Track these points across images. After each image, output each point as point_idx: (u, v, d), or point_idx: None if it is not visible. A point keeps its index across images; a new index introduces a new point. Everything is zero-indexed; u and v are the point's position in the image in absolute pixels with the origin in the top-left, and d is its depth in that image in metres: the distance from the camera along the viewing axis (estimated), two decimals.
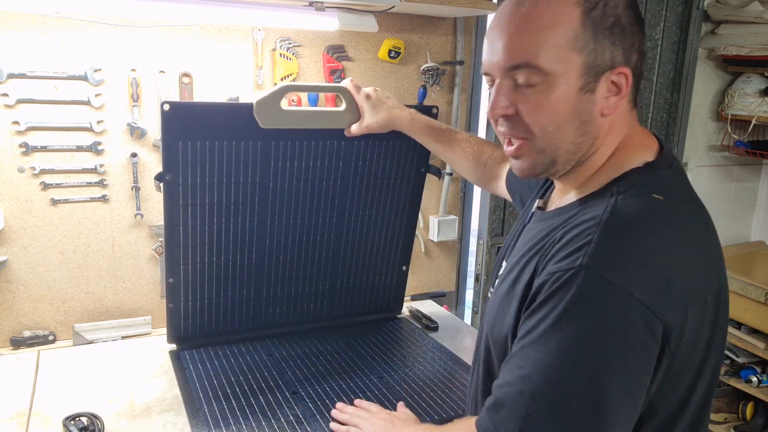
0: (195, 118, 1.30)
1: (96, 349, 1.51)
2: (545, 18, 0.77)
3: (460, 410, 1.25)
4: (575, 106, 0.79)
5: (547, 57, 0.77)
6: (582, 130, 0.81)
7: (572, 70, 0.77)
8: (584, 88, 0.78)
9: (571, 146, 0.82)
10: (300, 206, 1.48)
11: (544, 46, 0.77)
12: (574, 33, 0.76)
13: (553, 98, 0.78)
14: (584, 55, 0.77)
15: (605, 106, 0.80)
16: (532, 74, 0.78)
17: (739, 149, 2.56)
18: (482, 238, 2.00)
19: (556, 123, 0.80)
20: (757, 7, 2.24)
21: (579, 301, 0.71)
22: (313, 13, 1.48)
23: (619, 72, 0.78)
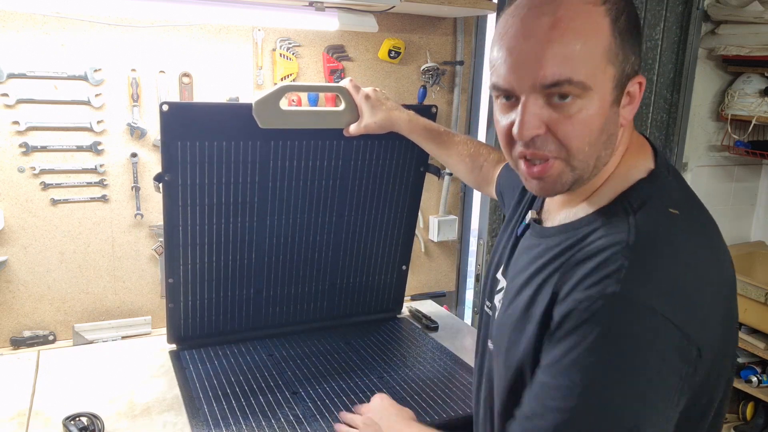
0: (194, 118, 1.30)
1: (96, 349, 1.51)
2: (579, 30, 0.72)
3: (460, 410, 1.25)
4: (607, 120, 0.75)
5: (587, 71, 0.72)
6: (608, 143, 0.78)
7: (607, 83, 0.74)
8: (614, 101, 0.76)
9: (598, 162, 0.78)
10: (299, 206, 1.48)
11: (583, 59, 0.72)
12: (608, 44, 0.73)
13: (591, 114, 0.74)
14: (616, 67, 0.74)
15: (623, 117, 0.78)
16: (571, 90, 0.73)
17: (739, 149, 2.56)
18: (482, 238, 2.00)
19: (591, 140, 0.76)
20: (757, 7, 2.24)
21: (614, 329, 0.69)
22: (313, 13, 1.48)
23: (637, 81, 0.77)
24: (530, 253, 0.87)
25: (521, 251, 0.92)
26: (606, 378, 0.68)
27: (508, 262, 0.96)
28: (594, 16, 0.73)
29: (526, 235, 0.93)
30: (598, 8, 0.73)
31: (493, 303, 0.98)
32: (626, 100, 0.77)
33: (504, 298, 0.92)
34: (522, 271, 0.87)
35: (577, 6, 0.73)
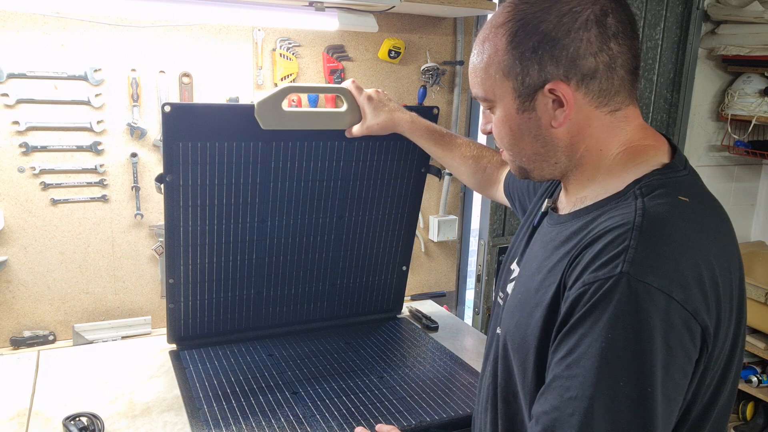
0: (196, 119, 1.30)
1: (96, 349, 1.51)
2: (484, 53, 0.84)
3: (460, 410, 1.25)
4: (519, 125, 0.85)
5: (487, 87, 0.85)
6: (539, 142, 0.85)
7: (507, 94, 0.83)
8: (521, 109, 0.83)
9: (536, 156, 0.87)
10: (300, 207, 1.48)
11: (484, 79, 0.85)
12: (502, 62, 0.82)
13: (500, 120, 0.87)
14: (512, 80, 0.82)
15: (553, 119, 0.82)
16: (484, 102, 0.88)
17: (739, 149, 2.56)
18: (483, 238, 2.00)
19: (509, 140, 0.88)
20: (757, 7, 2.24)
21: (624, 310, 0.70)
22: (313, 13, 1.48)
23: (550, 89, 0.80)
24: (543, 239, 0.91)
25: (536, 240, 0.94)
26: (618, 362, 0.70)
27: (523, 252, 0.97)
28: (494, 36, 0.83)
29: (542, 224, 0.95)
30: (500, 29, 0.82)
31: (506, 292, 0.99)
32: (553, 105, 0.82)
33: (516, 284, 0.94)
34: (534, 257, 0.90)
35: (487, 31, 0.85)
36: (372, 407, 1.25)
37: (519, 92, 0.82)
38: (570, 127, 0.83)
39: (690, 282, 0.71)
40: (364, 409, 1.25)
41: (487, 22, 0.86)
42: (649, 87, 2.28)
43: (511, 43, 0.81)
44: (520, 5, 0.81)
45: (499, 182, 1.33)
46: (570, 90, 0.80)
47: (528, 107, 0.83)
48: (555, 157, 0.86)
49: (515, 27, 0.80)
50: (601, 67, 0.79)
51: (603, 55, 0.79)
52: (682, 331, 0.70)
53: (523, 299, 0.87)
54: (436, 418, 1.23)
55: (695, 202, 0.79)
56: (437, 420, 1.22)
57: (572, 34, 0.78)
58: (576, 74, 0.79)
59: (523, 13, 0.80)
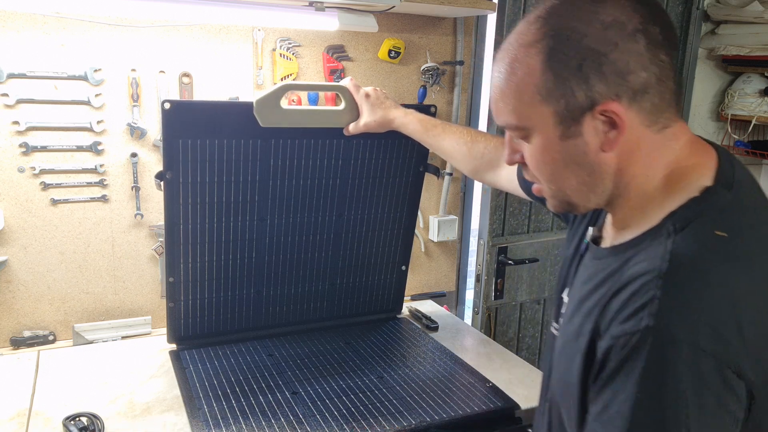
0: (195, 116, 1.30)
1: (96, 349, 1.51)
2: (514, 76, 0.75)
3: (460, 410, 1.25)
4: (562, 152, 0.76)
5: (519, 114, 0.76)
6: (585, 171, 0.77)
7: (546, 121, 0.75)
8: (565, 135, 0.75)
9: (581, 186, 0.78)
10: (299, 205, 1.48)
11: (515, 105, 0.76)
12: (537, 85, 0.73)
13: (539, 149, 0.78)
14: (552, 105, 0.73)
15: (604, 143, 0.74)
16: (516, 131, 0.79)
17: (739, 149, 2.56)
18: (482, 238, 2.00)
19: (550, 171, 0.79)
20: (757, 7, 2.24)
21: (651, 369, 0.65)
22: (313, 13, 1.48)
23: (602, 110, 0.72)
24: (584, 274, 0.86)
25: (581, 271, 0.89)
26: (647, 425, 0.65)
27: (572, 283, 0.93)
28: (527, 57, 0.74)
29: (587, 255, 0.90)
30: (533, 48, 0.73)
31: (559, 323, 0.96)
32: (603, 126, 0.73)
33: (562, 321, 0.90)
34: (576, 293, 0.85)
35: (514, 50, 0.75)
36: (372, 407, 1.25)
37: (562, 117, 0.73)
38: (619, 150, 0.75)
39: (727, 332, 0.65)
40: (364, 409, 1.25)
41: (511, 42, 0.76)
42: None
43: (549, 62, 0.72)
44: (551, 19, 0.73)
45: (499, 168, 1.30)
46: (622, 109, 0.72)
47: (573, 132, 0.74)
48: (602, 185, 0.78)
49: (552, 43, 0.72)
50: (652, 81, 0.72)
51: (654, 67, 0.72)
52: (720, 389, 0.64)
53: (566, 343, 0.83)
54: (436, 418, 1.22)
55: (737, 235, 0.71)
56: (437, 420, 1.22)
57: (620, 46, 0.70)
58: (627, 91, 0.71)
59: (559, 27, 0.72)
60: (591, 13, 0.71)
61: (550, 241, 2.09)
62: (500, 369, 1.46)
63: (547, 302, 2.15)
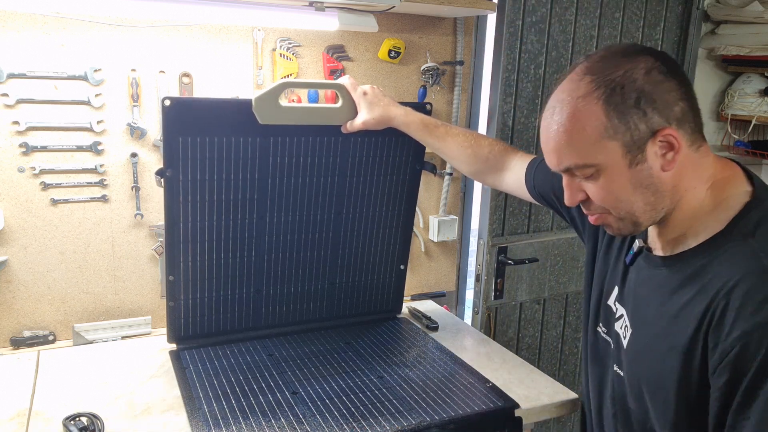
0: (195, 113, 1.31)
1: (96, 349, 1.51)
2: (574, 123, 0.86)
3: (460, 410, 1.25)
4: (631, 179, 0.87)
5: (587, 154, 0.87)
6: (650, 191, 0.88)
7: (614, 154, 0.86)
8: (633, 163, 0.86)
9: (647, 206, 0.90)
10: (299, 202, 1.48)
11: (581, 147, 0.87)
12: (603, 126, 0.85)
13: (609, 181, 0.88)
14: (619, 139, 0.85)
15: (664, 164, 0.87)
16: (584, 170, 0.89)
17: (739, 149, 2.56)
18: (482, 238, 2.00)
19: (621, 198, 0.89)
20: (757, 7, 2.24)
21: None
22: (313, 13, 1.48)
23: (663, 135, 0.85)
24: (648, 283, 0.96)
25: (636, 281, 0.99)
26: None
27: (621, 291, 1.02)
28: (585, 106, 0.86)
29: (638, 264, 1.00)
30: (589, 97, 0.86)
31: (613, 330, 1.06)
32: (660, 150, 0.86)
33: (632, 325, 0.98)
34: (644, 301, 0.95)
35: (571, 102, 0.87)
36: (372, 407, 1.25)
37: (629, 147, 0.85)
38: (675, 169, 0.87)
39: None
40: (364, 409, 1.25)
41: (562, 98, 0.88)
42: None
43: (609, 106, 0.84)
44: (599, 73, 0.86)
45: (504, 170, 1.35)
46: (676, 132, 0.85)
47: (640, 159, 0.86)
48: (663, 202, 0.90)
49: (608, 91, 0.85)
50: (687, 110, 0.86)
51: (686, 99, 0.86)
52: None
53: (650, 344, 0.93)
54: (436, 418, 1.22)
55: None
56: (437, 420, 1.22)
57: (661, 85, 0.85)
58: (673, 118, 0.85)
59: (608, 77, 0.85)
60: (631, 62, 0.85)
61: (550, 241, 2.09)
62: (500, 369, 1.46)
63: (547, 302, 2.15)
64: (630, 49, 0.88)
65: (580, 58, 0.92)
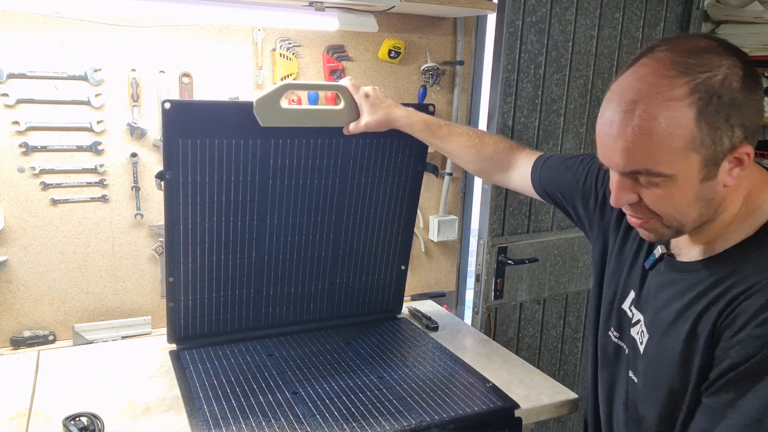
0: (195, 116, 1.30)
1: (96, 349, 1.51)
2: (660, 126, 0.77)
3: (460, 410, 1.25)
4: (698, 192, 0.81)
5: (665, 162, 0.79)
6: (707, 204, 0.83)
7: (692, 167, 0.79)
8: (706, 177, 0.80)
9: (698, 218, 0.85)
10: (299, 204, 1.48)
11: (661, 154, 0.78)
12: (691, 136, 0.77)
13: (675, 193, 0.81)
14: (702, 153, 0.78)
15: (728, 180, 0.81)
16: (653, 177, 0.81)
17: None
18: (482, 238, 2.00)
19: (681, 209, 0.83)
20: (757, 7, 2.24)
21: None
22: (313, 13, 1.48)
23: (741, 152, 0.79)
24: (671, 288, 0.92)
25: (657, 286, 0.95)
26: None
27: (638, 296, 0.99)
28: (676, 110, 0.76)
29: (659, 269, 0.96)
30: (682, 102, 0.76)
31: (629, 335, 1.02)
32: (732, 164, 0.80)
33: (650, 331, 0.95)
34: (665, 306, 0.92)
35: (659, 103, 0.77)
36: (372, 407, 1.25)
37: (708, 162, 0.79)
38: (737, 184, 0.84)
39: None
40: (364, 409, 1.25)
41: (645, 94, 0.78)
42: None
43: (700, 117, 0.76)
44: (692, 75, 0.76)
45: (510, 168, 1.34)
46: (749, 150, 0.80)
47: (713, 174, 0.80)
48: (711, 214, 0.85)
49: (705, 99, 0.76)
50: (759, 122, 0.80)
51: (763, 108, 0.81)
52: None
53: (673, 348, 0.89)
54: (436, 418, 1.22)
55: None
56: (437, 420, 1.22)
57: (752, 96, 0.78)
58: (749, 133, 0.79)
59: (707, 81, 0.76)
60: (727, 66, 0.77)
61: (549, 241, 2.09)
62: (500, 369, 1.46)
63: (547, 302, 2.15)
64: (708, 43, 0.79)
65: (655, 41, 0.81)
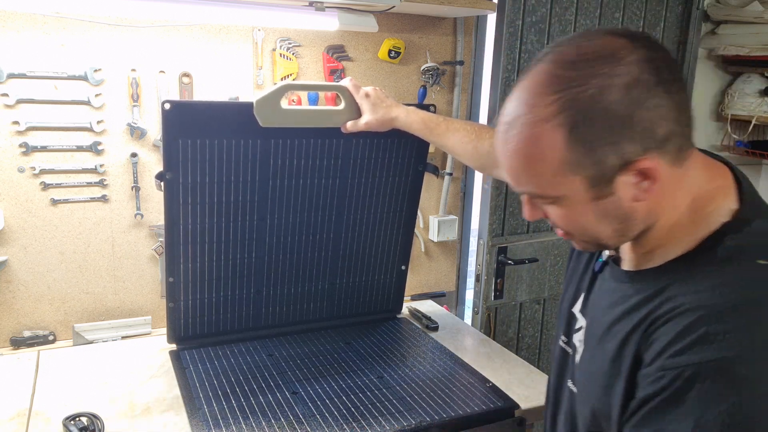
0: (195, 116, 1.30)
1: (96, 349, 1.51)
2: (532, 150, 0.72)
3: (460, 410, 1.25)
4: (596, 211, 0.75)
5: (547, 185, 0.74)
6: (618, 220, 0.76)
7: (577, 188, 0.73)
8: (597, 196, 0.73)
9: (615, 233, 0.78)
10: (299, 204, 1.48)
11: (539, 177, 0.73)
12: (564, 158, 0.70)
13: (573, 212, 0.76)
14: (583, 173, 0.71)
15: (638, 194, 0.73)
16: (542, 200, 0.77)
17: (740, 149, 2.56)
18: (482, 238, 2.00)
19: (586, 227, 0.78)
20: (757, 7, 2.24)
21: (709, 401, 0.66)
22: (313, 13, 1.48)
23: (641, 166, 0.70)
24: (609, 297, 0.85)
25: (600, 292, 0.89)
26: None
27: (586, 300, 0.93)
28: (546, 132, 0.70)
29: (604, 274, 0.90)
30: (551, 123, 0.70)
31: (572, 341, 0.96)
32: (636, 179, 0.71)
33: (586, 340, 0.90)
34: (602, 315, 0.85)
35: (530, 124, 0.71)
36: (372, 407, 1.26)
37: (593, 182, 0.71)
38: (658, 190, 0.73)
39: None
40: (364, 409, 1.25)
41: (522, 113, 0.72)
42: None
43: (572, 137, 0.69)
44: (566, 88, 0.69)
45: None
46: (653, 162, 0.70)
47: (606, 192, 0.72)
48: (635, 228, 0.77)
49: (574, 118, 0.68)
50: (673, 127, 0.70)
51: (673, 113, 0.70)
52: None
53: (600, 366, 0.82)
54: (436, 418, 1.22)
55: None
56: (437, 420, 1.22)
57: (644, 104, 0.68)
58: (654, 143, 0.70)
59: (576, 99, 0.68)
60: (607, 76, 0.68)
61: (549, 241, 2.09)
62: (500, 369, 1.46)
63: (547, 302, 2.15)
64: (609, 45, 0.70)
65: (550, 47, 0.73)
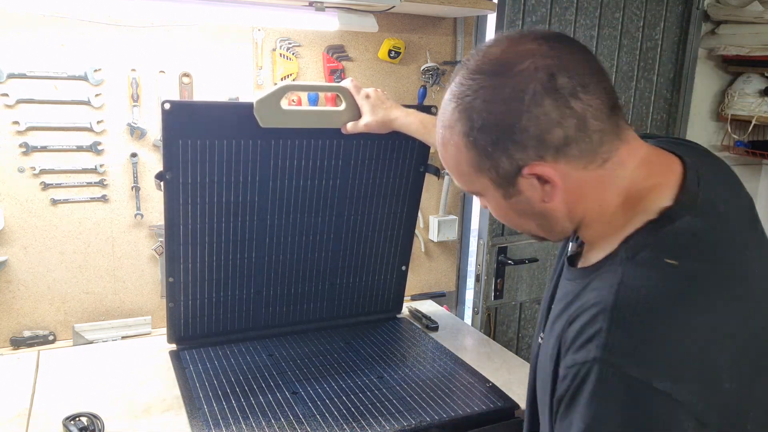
0: (195, 116, 1.30)
1: (96, 349, 1.51)
2: (449, 151, 0.79)
3: (460, 410, 1.25)
4: (510, 208, 0.80)
5: (467, 183, 0.81)
6: (539, 217, 0.80)
7: (487, 186, 0.78)
8: (507, 195, 0.78)
9: (541, 227, 0.83)
10: (300, 205, 1.48)
11: (459, 176, 0.81)
12: (469, 160, 0.76)
13: (495, 207, 0.83)
14: (487, 175, 0.76)
15: (543, 196, 0.76)
16: (471, 193, 0.84)
17: (740, 149, 2.56)
18: (482, 238, 2.00)
19: (513, 221, 0.84)
20: (757, 7, 2.24)
21: (596, 402, 0.66)
22: (313, 13, 1.48)
23: (536, 171, 0.72)
24: (560, 294, 0.86)
25: (559, 289, 0.89)
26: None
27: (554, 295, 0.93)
28: (453, 137, 0.77)
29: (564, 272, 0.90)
30: (455, 128, 0.76)
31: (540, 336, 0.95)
32: (539, 183, 0.74)
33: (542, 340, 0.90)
34: (554, 312, 0.85)
35: (445, 128, 0.78)
36: (372, 407, 1.26)
37: (498, 183, 0.77)
38: (562, 197, 0.75)
39: (676, 368, 0.64)
40: (364, 409, 1.25)
41: (440, 119, 0.79)
42: (648, 87, 2.28)
43: (468, 142, 0.75)
44: (462, 101, 0.74)
45: None
46: (548, 167, 0.72)
47: (513, 192, 0.77)
48: (559, 224, 0.80)
49: (466, 126, 0.74)
50: (571, 133, 0.71)
51: (568, 119, 0.70)
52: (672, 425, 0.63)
53: (543, 360, 0.83)
54: (436, 418, 1.23)
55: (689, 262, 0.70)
56: (437, 420, 1.22)
57: (525, 114, 0.70)
58: (548, 149, 0.71)
59: (468, 108, 0.73)
60: (494, 88, 0.72)
61: (549, 241, 2.08)
62: (500, 369, 1.47)
63: None
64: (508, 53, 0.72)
65: (473, 51, 0.78)
